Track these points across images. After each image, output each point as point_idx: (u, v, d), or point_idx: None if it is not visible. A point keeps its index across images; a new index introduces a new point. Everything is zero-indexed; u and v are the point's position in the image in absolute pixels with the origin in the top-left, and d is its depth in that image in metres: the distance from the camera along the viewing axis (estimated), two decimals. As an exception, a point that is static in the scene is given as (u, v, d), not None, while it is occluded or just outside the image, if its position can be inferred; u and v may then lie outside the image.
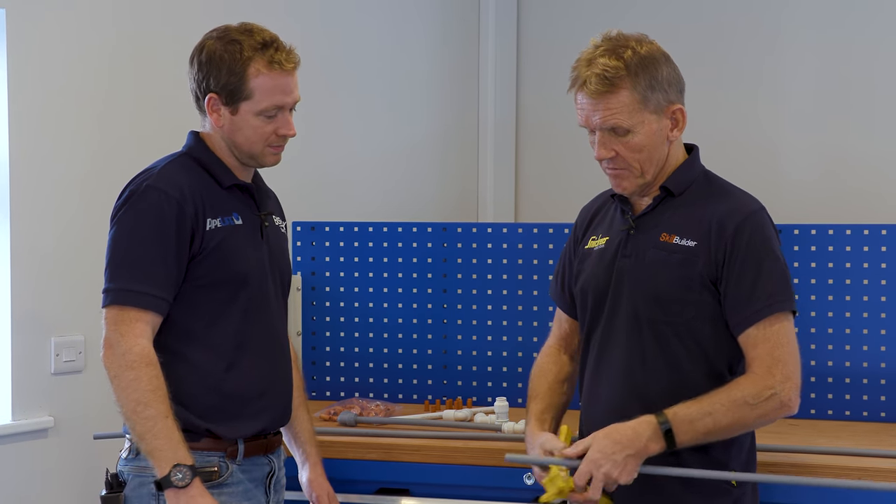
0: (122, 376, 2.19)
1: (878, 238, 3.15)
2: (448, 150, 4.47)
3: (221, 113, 2.33)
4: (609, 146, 2.28)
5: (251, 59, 2.30)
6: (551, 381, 2.49)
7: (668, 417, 2.19)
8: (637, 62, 2.24)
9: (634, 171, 2.29)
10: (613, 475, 2.17)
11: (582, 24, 4.40)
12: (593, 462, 2.18)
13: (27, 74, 3.10)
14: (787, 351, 2.22)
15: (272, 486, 2.42)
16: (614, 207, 2.43)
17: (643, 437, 2.18)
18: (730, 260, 2.23)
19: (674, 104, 2.28)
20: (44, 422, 3.13)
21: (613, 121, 2.24)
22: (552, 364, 2.53)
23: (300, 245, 3.50)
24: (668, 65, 2.29)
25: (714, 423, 2.19)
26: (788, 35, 4.09)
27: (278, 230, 2.50)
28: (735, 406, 2.19)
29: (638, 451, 2.18)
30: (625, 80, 2.23)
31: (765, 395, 2.19)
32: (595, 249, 2.40)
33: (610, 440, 2.19)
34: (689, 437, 2.19)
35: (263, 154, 2.37)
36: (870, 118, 3.96)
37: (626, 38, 2.28)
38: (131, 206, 2.27)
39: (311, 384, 3.49)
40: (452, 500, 2.85)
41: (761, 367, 2.21)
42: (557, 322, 2.58)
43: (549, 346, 2.57)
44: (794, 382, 2.21)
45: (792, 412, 2.23)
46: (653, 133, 2.27)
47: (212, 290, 2.31)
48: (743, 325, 2.23)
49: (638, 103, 2.24)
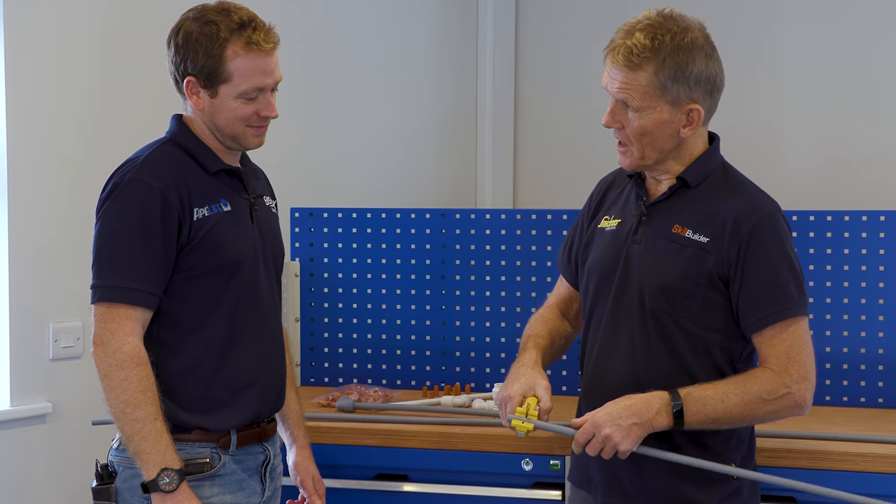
0: (112, 376, 2.17)
1: (877, 224, 3.15)
2: (446, 137, 4.46)
3: (201, 96, 2.29)
4: (616, 116, 2.27)
5: (228, 40, 2.25)
6: (552, 330, 2.48)
7: (681, 396, 2.19)
8: (670, 50, 2.20)
9: (634, 152, 2.28)
10: (615, 438, 2.16)
11: (581, 11, 4.38)
12: (597, 423, 2.18)
13: (24, 65, 3.09)
14: (804, 352, 2.22)
15: (268, 475, 2.41)
16: (629, 187, 2.40)
17: (653, 408, 2.18)
18: (744, 260, 2.22)
19: (693, 103, 2.24)
20: (42, 407, 3.14)
21: (625, 94, 2.23)
22: (554, 318, 2.52)
23: (298, 231, 3.49)
24: (707, 62, 2.25)
25: (725, 411, 2.19)
26: (788, 19, 4.07)
27: (269, 210, 2.46)
28: (749, 398, 2.19)
29: (644, 422, 2.17)
30: (649, 63, 2.20)
31: (780, 392, 2.20)
32: (607, 230, 2.39)
33: (620, 406, 2.19)
34: (698, 420, 2.19)
35: (245, 136, 2.33)
36: (871, 104, 3.95)
37: (673, 22, 2.24)
38: (115, 199, 2.23)
39: (310, 370, 3.50)
40: (451, 486, 2.86)
41: (778, 365, 2.21)
42: (559, 287, 2.58)
43: (550, 304, 2.57)
44: (810, 383, 2.22)
45: (803, 412, 2.24)
46: (661, 122, 2.24)
47: (203, 280, 2.28)
48: (758, 325, 2.23)
49: (656, 89, 2.21)
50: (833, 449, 2.66)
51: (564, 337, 2.53)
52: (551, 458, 2.76)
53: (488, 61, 4.48)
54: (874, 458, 2.62)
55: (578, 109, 4.37)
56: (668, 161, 2.30)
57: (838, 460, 2.64)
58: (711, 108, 2.30)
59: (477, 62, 4.50)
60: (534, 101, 4.51)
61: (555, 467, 2.75)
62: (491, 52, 4.47)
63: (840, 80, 3.99)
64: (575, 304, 2.54)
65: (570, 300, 2.55)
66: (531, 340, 2.43)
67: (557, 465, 2.75)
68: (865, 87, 3.95)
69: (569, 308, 2.56)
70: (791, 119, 4.08)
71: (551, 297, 2.59)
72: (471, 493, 2.84)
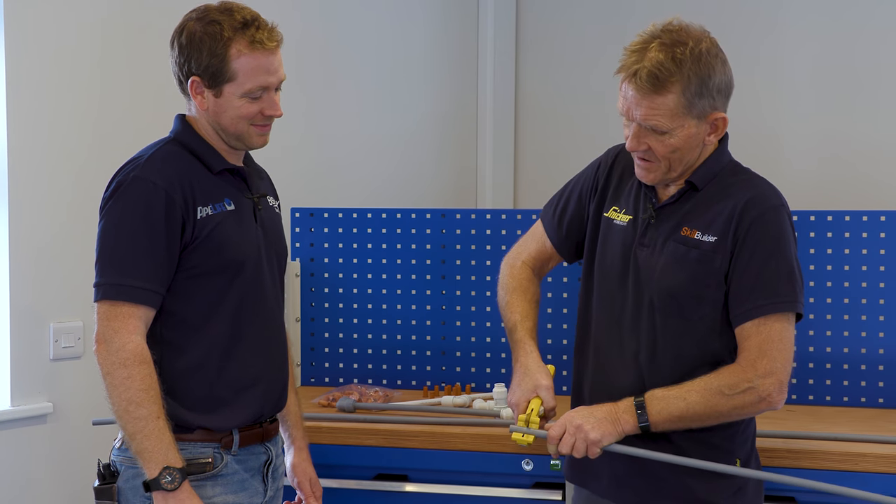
0: (115, 374, 2.17)
1: (877, 224, 3.15)
2: (447, 136, 4.46)
3: (205, 96, 2.30)
4: (642, 140, 2.24)
5: (232, 39, 2.25)
6: (531, 301, 2.50)
7: (644, 396, 2.22)
8: (692, 65, 2.17)
9: (662, 167, 2.26)
10: (585, 427, 2.20)
11: (582, 9, 4.38)
12: (569, 416, 2.25)
13: (25, 65, 3.09)
14: (778, 348, 2.19)
15: (270, 475, 2.41)
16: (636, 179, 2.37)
17: (620, 408, 2.23)
18: (740, 250, 2.22)
19: (717, 112, 2.24)
20: (43, 407, 3.14)
21: (654, 121, 2.20)
22: (530, 283, 2.52)
23: (299, 231, 3.49)
24: (724, 69, 2.24)
25: (687, 408, 2.19)
26: (788, 19, 4.07)
27: (272, 210, 2.47)
28: (709, 394, 2.19)
29: (613, 420, 2.22)
30: (675, 84, 2.17)
31: (741, 387, 2.18)
32: (616, 225, 2.38)
33: (589, 408, 2.26)
34: (662, 418, 2.21)
35: (249, 135, 2.33)
36: (872, 104, 3.95)
37: (683, 34, 2.20)
38: (118, 197, 2.23)
39: (310, 370, 3.50)
40: (451, 486, 2.86)
41: (746, 360, 2.20)
42: (532, 242, 2.55)
43: (525, 263, 2.54)
44: (778, 378, 2.19)
45: (773, 407, 2.22)
46: (690, 137, 2.23)
47: (206, 279, 2.28)
48: (740, 318, 2.22)
49: (683, 108, 2.19)
50: (834, 449, 2.66)
51: (537, 304, 2.53)
52: (552, 458, 2.76)
53: (488, 60, 4.48)
54: (875, 459, 2.62)
55: (579, 108, 4.37)
56: None
57: (839, 460, 2.63)
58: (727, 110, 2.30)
59: (477, 61, 4.50)
60: (534, 99, 4.51)
61: (555, 467, 2.75)
62: (491, 50, 4.47)
63: (840, 80, 3.99)
64: (550, 263, 2.55)
65: (546, 259, 2.54)
66: (521, 328, 2.44)
67: (558, 466, 2.75)
68: (866, 87, 3.95)
69: (542, 267, 2.56)
70: (792, 119, 4.08)
71: (522, 253, 2.55)
72: (471, 494, 2.85)
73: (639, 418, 2.21)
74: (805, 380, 3.20)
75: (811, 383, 3.19)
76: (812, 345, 3.18)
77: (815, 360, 3.18)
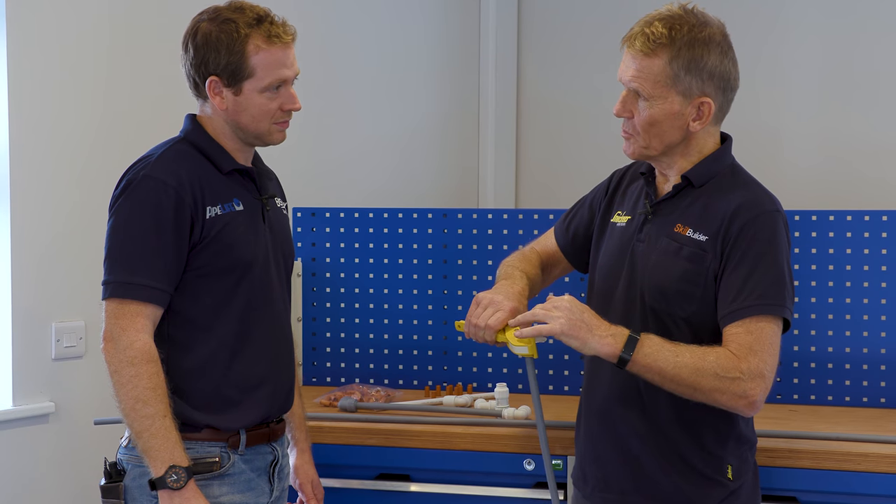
0: (123, 372, 2.17)
1: (879, 224, 3.15)
2: (448, 136, 4.46)
3: (224, 95, 2.30)
4: (626, 105, 2.26)
5: (248, 35, 2.26)
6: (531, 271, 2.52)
7: (641, 334, 2.18)
8: (687, 41, 2.21)
9: (639, 141, 2.27)
10: (553, 314, 2.19)
11: (585, 8, 4.38)
12: (561, 300, 2.22)
13: (27, 63, 3.09)
14: (767, 351, 2.16)
15: (276, 475, 2.41)
16: (641, 184, 2.41)
17: (610, 329, 2.19)
18: (731, 253, 2.21)
19: (705, 96, 2.24)
20: (45, 407, 3.14)
21: (637, 83, 2.23)
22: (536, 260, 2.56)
23: (300, 231, 3.49)
24: (723, 59, 2.25)
25: (674, 368, 2.14)
26: (789, 19, 4.07)
27: (280, 212, 2.47)
28: (703, 365, 2.13)
29: (593, 326, 2.18)
30: (665, 51, 2.20)
31: (732, 374, 2.13)
32: (617, 226, 2.40)
33: (585, 308, 2.22)
34: (645, 363, 2.15)
35: (270, 132, 2.35)
36: (873, 103, 3.95)
37: (693, 16, 2.24)
38: (128, 196, 2.24)
39: (312, 370, 3.50)
40: (453, 486, 2.86)
41: (740, 351, 2.15)
42: (546, 241, 2.62)
43: (533, 249, 2.61)
44: (763, 380, 2.15)
45: (750, 409, 2.17)
46: (671, 114, 2.23)
47: (214, 278, 2.29)
48: (727, 319, 2.19)
49: (668, 78, 2.21)
50: (835, 449, 2.66)
51: (538, 286, 2.55)
52: (553, 458, 2.76)
53: (490, 58, 4.48)
54: (877, 459, 2.62)
55: (581, 107, 4.37)
56: (674, 156, 2.30)
57: (841, 460, 2.63)
58: (724, 107, 2.30)
59: (479, 60, 4.50)
60: (536, 99, 4.51)
61: (557, 467, 2.75)
62: (493, 49, 4.47)
63: (842, 79, 3.99)
64: (557, 267, 2.59)
65: (554, 260, 2.59)
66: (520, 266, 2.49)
67: (559, 465, 2.75)
68: (867, 87, 3.95)
69: (547, 265, 2.59)
70: (793, 118, 4.08)
71: (536, 245, 2.62)
72: (473, 493, 2.84)
73: (625, 347, 2.15)
74: (807, 379, 3.20)
75: (813, 383, 3.19)
76: (814, 344, 3.18)
77: (816, 359, 3.18)
